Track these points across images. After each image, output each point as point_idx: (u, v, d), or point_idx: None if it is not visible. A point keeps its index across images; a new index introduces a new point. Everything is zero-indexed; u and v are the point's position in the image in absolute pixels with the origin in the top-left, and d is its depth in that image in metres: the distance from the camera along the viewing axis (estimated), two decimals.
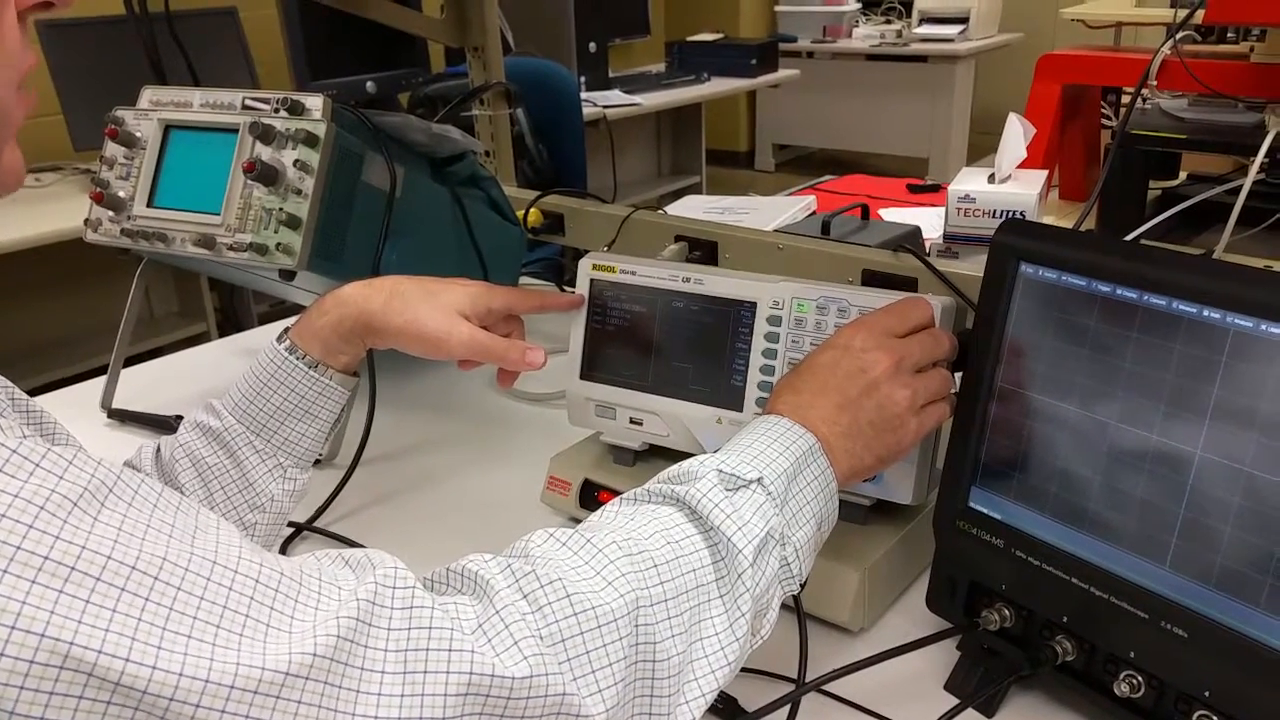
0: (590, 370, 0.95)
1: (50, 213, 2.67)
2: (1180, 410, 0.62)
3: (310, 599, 0.48)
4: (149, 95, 1.14)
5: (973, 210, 1.37)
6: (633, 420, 0.94)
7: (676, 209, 1.84)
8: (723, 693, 0.75)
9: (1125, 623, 0.65)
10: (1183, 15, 1.47)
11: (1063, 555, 0.69)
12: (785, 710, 0.69)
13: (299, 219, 1.03)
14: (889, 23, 5.94)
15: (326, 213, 1.05)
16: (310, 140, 1.03)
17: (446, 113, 1.54)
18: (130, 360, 1.32)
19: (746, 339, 0.87)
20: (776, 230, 1.35)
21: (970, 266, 1.03)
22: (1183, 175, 2.12)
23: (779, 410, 0.70)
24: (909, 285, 1.06)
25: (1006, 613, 0.73)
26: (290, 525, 1.00)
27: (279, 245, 1.03)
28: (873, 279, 1.10)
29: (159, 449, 0.83)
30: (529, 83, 2.62)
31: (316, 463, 1.11)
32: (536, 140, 2.70)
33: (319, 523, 1.02)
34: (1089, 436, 0.67)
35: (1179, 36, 1.51)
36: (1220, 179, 1.92)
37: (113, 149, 1.13)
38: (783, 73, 4.96)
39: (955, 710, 0.72)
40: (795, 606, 0.72)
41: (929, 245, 1.42)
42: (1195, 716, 0.63)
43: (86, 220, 1.14)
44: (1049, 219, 1.79)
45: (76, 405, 1.30)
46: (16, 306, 3.20)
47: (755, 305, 0.87)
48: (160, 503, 0.47)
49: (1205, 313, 0.61)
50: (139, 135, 1.12)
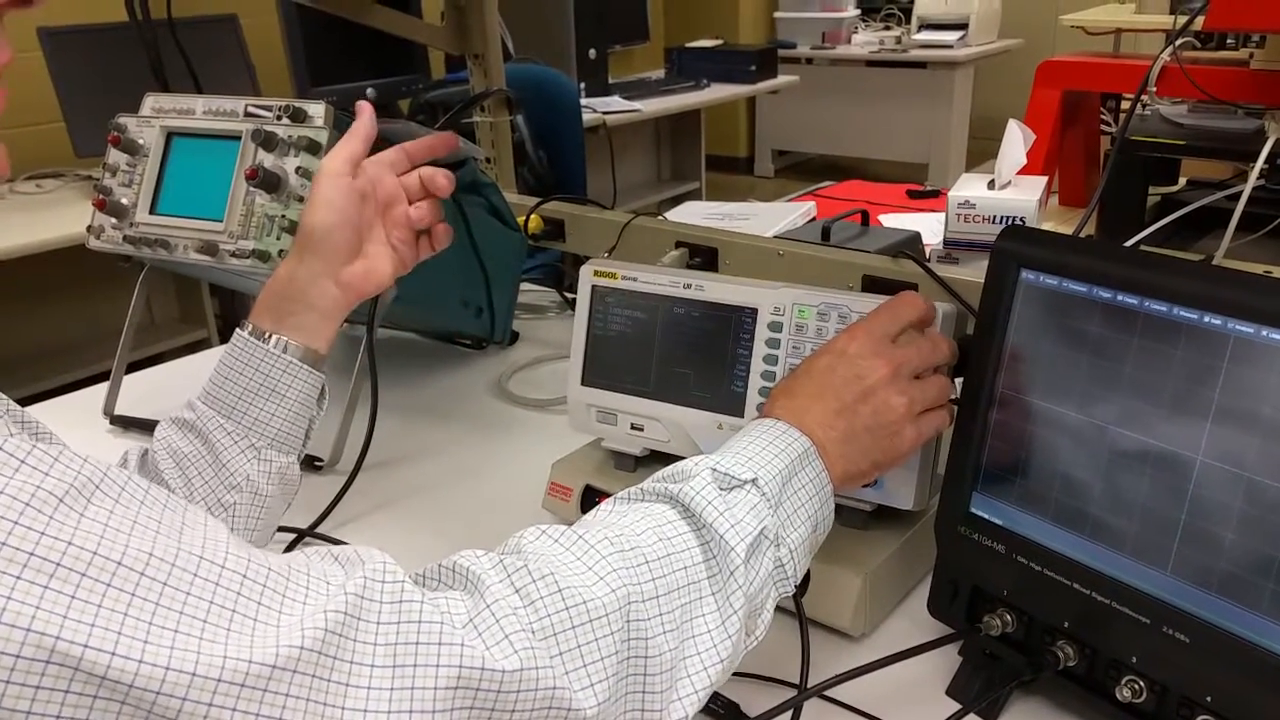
0: (591, 376, 0.95)
1: (52, 219, 2.67)
2: (1181, 416, 0.62)
3: (298, 593, 0.48)
4: (151, 102, 1.15)
5: (973, 216, 1.37)
6: (634, 426, 0.94)
7: (677, 215, 1.84)
8: (724, 698, 0.75)
9: (1127, 628, 0.65)
10: (1182, 22, 1.47)
11: (1064, 560, 0.69)
12: (788, 715, 0.69)
13: None
14: (888, 29, 5.96)
15: None
16: (312, 147, 1.03)
17: (447, 119, 1.55)
18: (132, 366, 1.32)
19: (748, 345, 0.87)
20: (777, 236, 1.35)
21: (971, 272, 1.03)
22: (1182, 181, 2.12)
23: (775, 414, 0.71)
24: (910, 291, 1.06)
25: (1008, 618, 0.73)
26: (292, 531, 1.01)
27: (281, 252, 1.03)
28: (873, 285, 1.10)
29: (145, 453, 0.82)
30: (529, 89, 2.62)
31: (318, 467, 1.13)
32: (537, 147, 2.71)
33: (321, 529, 1.02)
34: (1090, 442, 0.67)
35: (1178, 43, 1.51)
36: (1220, 185, 1.93)
37: (115, 156, 1.13)
38: (782, 79, 4.96)
39: (957, 715, 0.73)
40: (797, 611, 0.72)
41: (929, 251, 1.42)
42: None
43: (89, 227, 1.14)
44: (1049, 225, 1.80)
45: (79, 412, 1.30)
46: (19, 313, 3.20)
47: (756, 311, 0.87)
48: (147, 499, 0.47)
49: (1206, 319, 0.61)
50: (141, 142, 1.12)
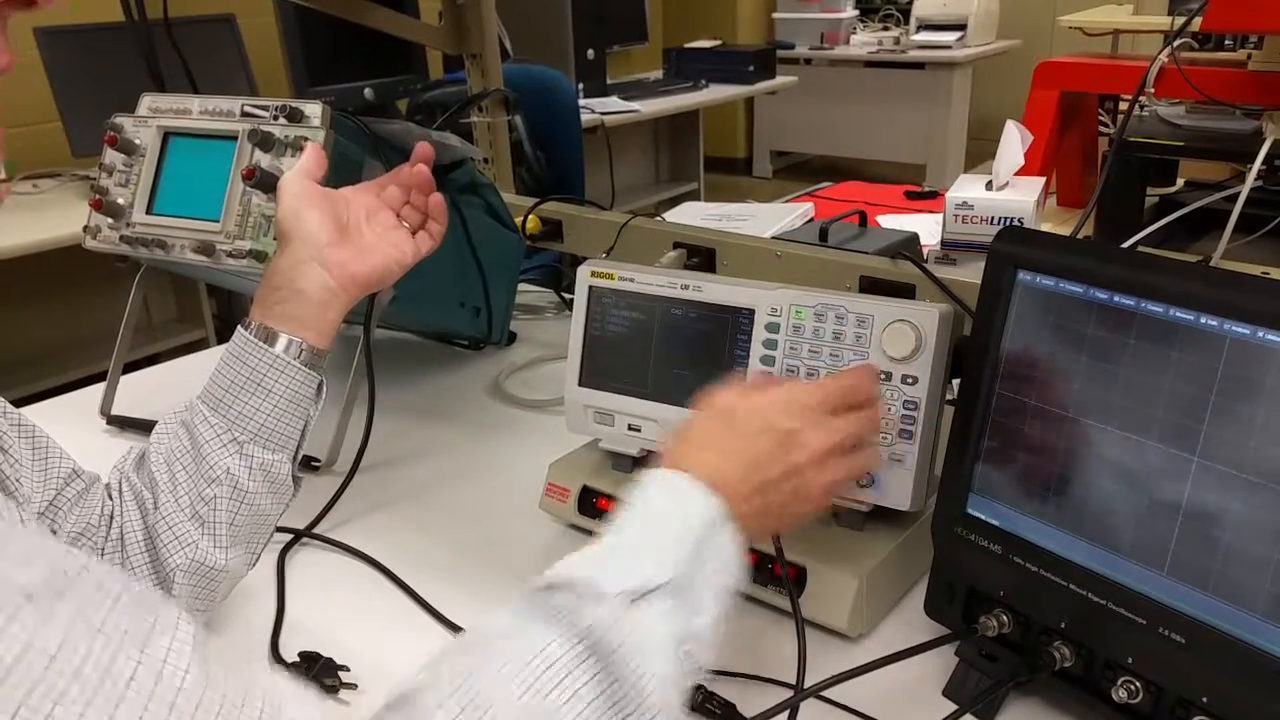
0: (589, 377, 0.95)
1: (49, 219, 2.66)
2: (1177, 417, 0.62)
3: None
4: (148, 102, 1.14)
5: (970, 217, 1.37)
6: (631, 427, 0.94)
7: (675, 216, 1.84)
8: (721, 699, 0.75)
9: (1123, 629, 0.65)
10: (1180, 23, 1.47)
11: (1061, 561, 0.69)
12: (784, 716, 0.69)
13: None
14: (887, 29, 5.96)
15: None
16: None
17: (445, 119, 1.55)
18: (129, 367, 1.32)
19: (745, 346, 0.87)
20: (774, 237, 1.35)
21: (968, 273, 1.03)
22: (1180, 182, 2.12)
23: (687, 468, 0.65)
24: (907, 291, 1.06)
25: (1005, 618, 0.73)
26: (289, 531, 1.01)
27: None
28: (871, 285, 1.10)
29: (143, 455, 0.82)
30: (527, 90, 2.62)
31: (315, 467, 1.12)
32: (535, 147, 2.70)
33: (319, 529, 1.02)
34: (1087, 443, 0.67)
35: (1176, 44, 1.51)
36: (1218, 186, 1.93)
37: (112, 156, 1.13)
38: (780, 79, 4.96)
39: (954, 716, 0.72)
40: (794, 612, 0.72)
41: (927, 252, 1.42)
42: None
43: (86, 227, 1.14)
44: (1046, 226, 1.80)
45: (76, 412, 1.30)
46: (15, 313, 3.20)
47: (753, 312, 0.87)
48: (118, 602, 0.45)
49: (1202, 320, 0.61)
50: (138, 142, 1.12)
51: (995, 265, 0.73)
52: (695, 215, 1.83)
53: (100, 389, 1.29)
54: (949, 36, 5.40)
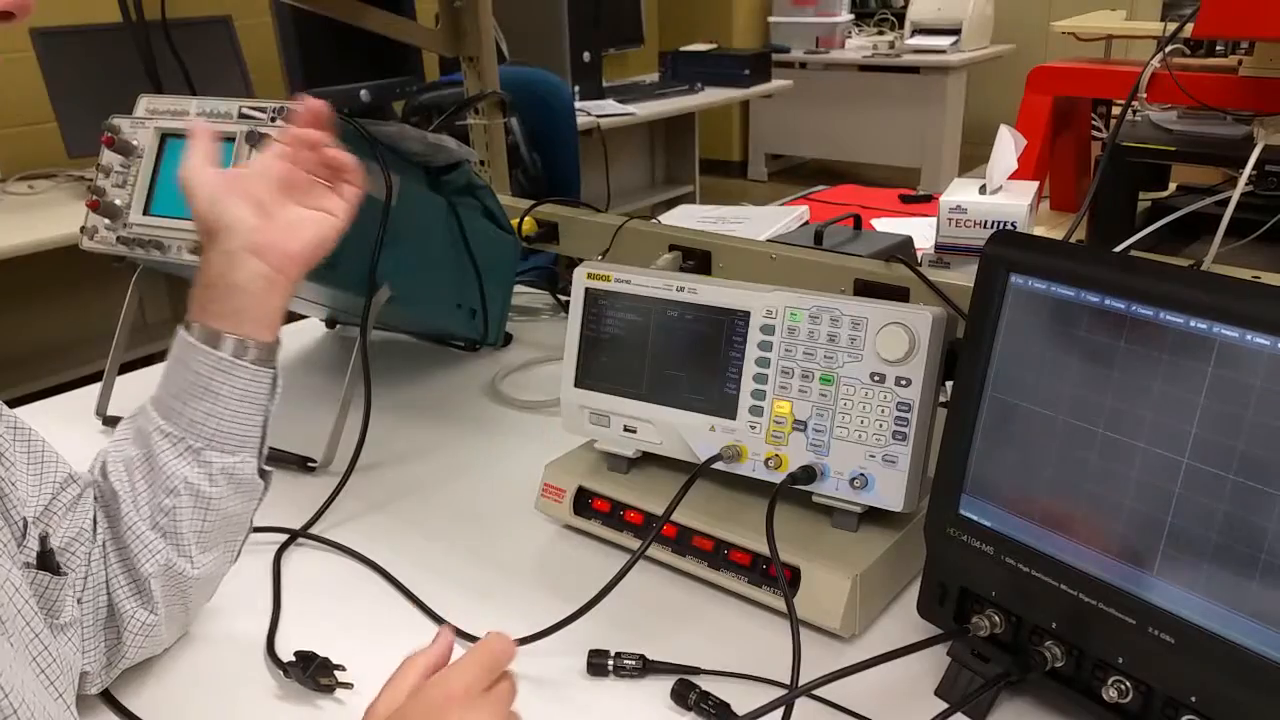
0: (584, 378, 0.96)
1: (45, 220, 2.66)
2: (1167, 419, 0.63)
3: None
4: (145, 103, 1.15)
5: (964, 221, 1.38)
6: (627, 428, 0.94)
7: (670, 218, 1.85)
8: (715, 698, 0.76)
9: (1113, 629, 0.66)
10: (1172, 29, 1.48)
11: (1052, 562, 0.69)
12: (778, 715, 0.69)
13: None
14: (881, 34, 5.97)
15: None
16: None
17: (441, 122, 1.55)
18: (125, 367, 1.32)
19: (740, 348, 0.88)
20: (770, 240, 1.36)
21: (961, 276, 1.04)
22: (1172, 186, 2.13)
23: None
24: (901, 294, 1.07)
25: (996, 619, 0.74)
26: (285, 531, 1.01)
27: None
28: (865, 288, 1.11)
29: (105, 462, 0.80)
30: (523, 92, 2.62)
31: (312, 468, 1.13)
32: (531, 149, 2.70)
33: (314, 529, 1.03)
34: (1077, 444, 0.68)
35: (1168, 50, 1.52)
36: (1209, 190, 1.94)
37: (109, 157, 1.13)
38: (776, 83, 4.97)
39: (945, 715, 0.73)
40: (788, 612, 0.72)
41: (920, 255, 1.43)
42: None
43: (82, 228, 1.14)
44: (1039, 230, 1.80)
45: (71, 412, 1.30)
46: (11, 313, 3.19)
47: (749, 314, 0.87)
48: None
49: (1192, 323, 0.62)
50: (135, 143, 1.12)
51: (988, 269, 0.73)
52: (691, 218, 1.84)
53: (96, 389, 1.29)
54: (943, 41, 5.41)
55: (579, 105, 3.69)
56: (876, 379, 0.82)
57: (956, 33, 5.40)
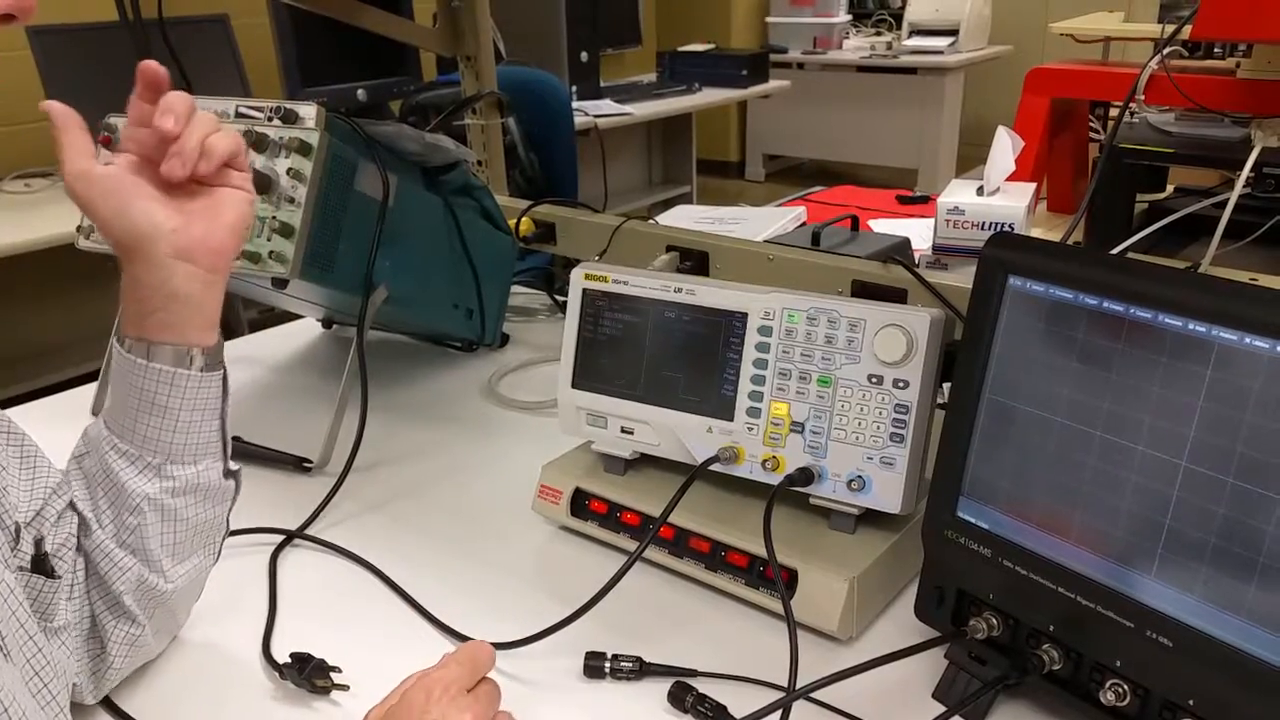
0: (581, 379, 0.96)
1: (41, 219, 2.66)
2: (1165, 421, 0.63)
3: None
4: None
5: (961, 222, 1.38)
6: (624, 429, 0.94)
7: (667, 219, 1.85)
8: (712, 700, 0.75)
9: (1111, 632, 0.66)
10: (1170, 31, 1.48)
11: (1049, 565, 0.69)
12: (775, 718, 0.69)
13: (292, 227, 1.03)
14: (879, 34, 5.98)
15: (319, 221, 1.05)
16: (304, 149, 1.03)
17: (439, 122, 1.55)
18: None
19: (737, 349, 0.88)
20: (767, 241, 1.36)
21: (959, 278, 1.04)
22: (1170, 188, 2.13)
23: None
24: (899, 296, 1.07)
25: (994, 621, 0.74)
26: (281, 533, 1.01)
27: (272, 253, 1.03)
28: (862, 290, 1.11)
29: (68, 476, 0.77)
30: (520, 92, 2.62)
31: (308, 468, 1.13)
32: (528, 149, 2.70)
33: (311, 530, 1.02)
34: (1075, 447, 0.67)
35: (1166, 52, 1.52)
36: (1207, 192, 1.94)
37: (106, 156, 1.12)
38: (773, 83, 4.97)
39: (943, 718, 0.73)
40: (785, 614, 0.72)
41: (918, 256, 1.43)
42: None
43: (78, 227, 1.13)
44: (1037, 231, 1.81)
45: (68, 412, 1.30)
46: (7, 312, 3.19)
47: (746, 316, 0.87)
48: None
49: (1190, 326, 0.62)
50: None
51: (986, 270, 0.73)
52: (688, 218, 1.84)
53: (92, 388, 1.29)
54: (941, 42, 5.42)
55: (576, 105, 3.69)
56: (874, 381, 0.82)
57: (954, 34, 5.40)
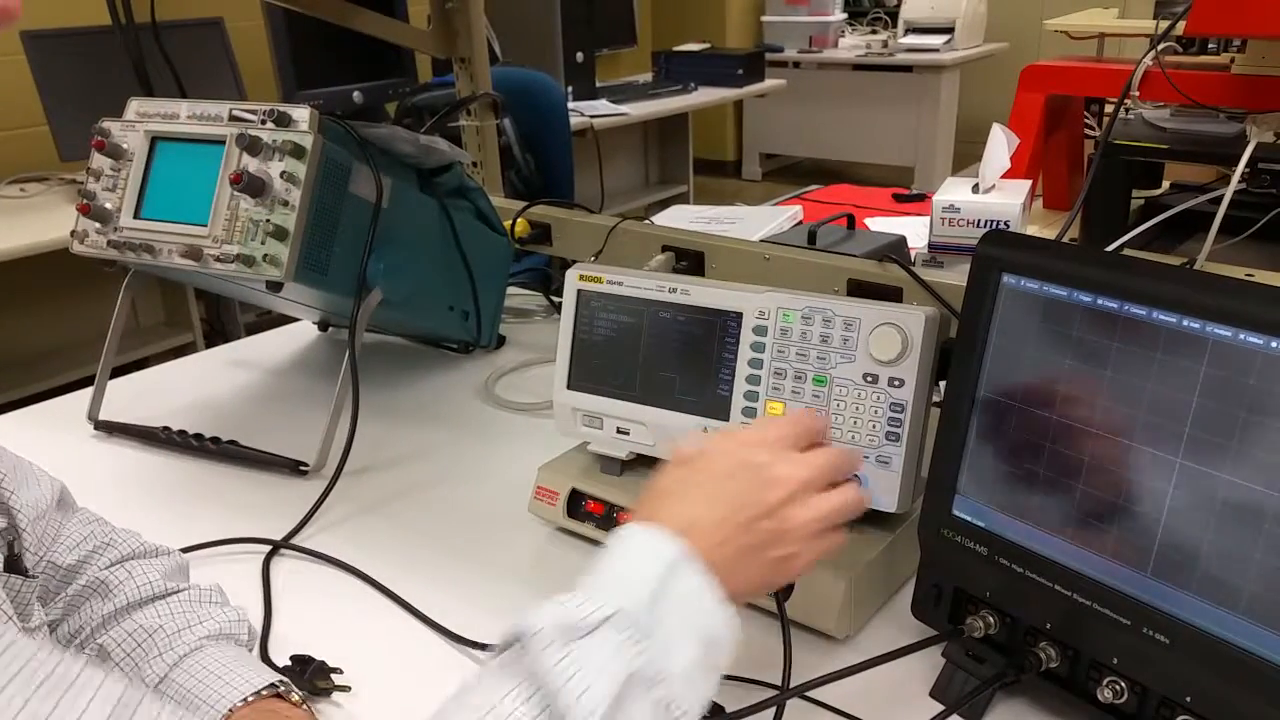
0: (577, 380, 0.96)
1: (36, 224, 2.65)
2: (1160, 418, 0.63)
3: None
4: (136, 107, 1.14)
5: (957, 220, 1.38)
6: (620, 430, 0.94)
7: (663, 219, 1.84)
8: None
9: (1108, 629, 0.66)
10: (1165, 27, 1.48)
11: (1046, 563, 0.69)
12: (769, 716, 0.69)
13: (286, 230, 1.03)
14: (875, 33, 5.97)
15: (313, 224, 1.05)
16: (297, 152, 1.03)
17: (434, 123, 1.55)
18: (117, 371, 1.31)
19: (733, 349, 0.88)
20: (763, 240, 1.36)
21: (955, 276, 1.04)
22: (1165, 184, 2.14)
23: (656, 518, 0.62)
24: (894, 294, 1.07)
25: (991, 620, 0.74)
26: (267, 543, 1.00)
27: (266, 257, 1.03)
28: (858, 289, 1.11)
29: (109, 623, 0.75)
30: (516, 93, 2.62)
31: (304, 471, 1.12)
32: (524, 150, 2.70)
33: (302, 534, 1.02)
34: (1071, 444, 0.67)
35: (1161, 48, 1.52)
36: (1202, 188, 1.94)
37: (99, 160, 1.13)
38: (769, 82, 4.97)
39: (940, 717, 0.73)
40: (779, 614, 0.72)
41: (914, 255, 1.43)
42: None
43: (73, 232, 1.13)
44: (1033, 228, 1.81)
45: (63, 417, 1.30)
46: (2, 318, 3.19)
47: (741, 315, 0.87)
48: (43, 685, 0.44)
49: (1185, 322, 0.62)
50: (126, 147, 1.12)
51: (980, 268, 0.73)
52: (684, 218, 1.84)
53: (88, 394, 1.28)
54: (936, 40, 5.42)
55: (572, 106, 3.69)
56: (869, 380, 0.82)
57: (949, 31, 5.41)
